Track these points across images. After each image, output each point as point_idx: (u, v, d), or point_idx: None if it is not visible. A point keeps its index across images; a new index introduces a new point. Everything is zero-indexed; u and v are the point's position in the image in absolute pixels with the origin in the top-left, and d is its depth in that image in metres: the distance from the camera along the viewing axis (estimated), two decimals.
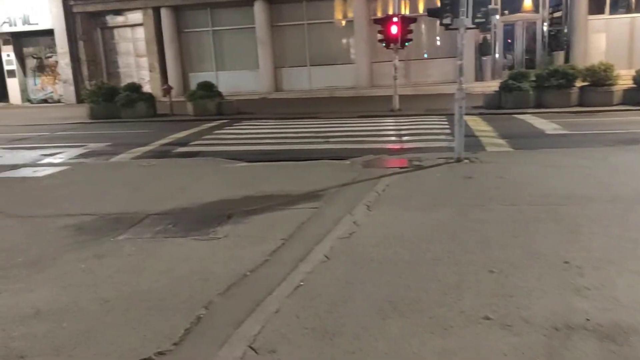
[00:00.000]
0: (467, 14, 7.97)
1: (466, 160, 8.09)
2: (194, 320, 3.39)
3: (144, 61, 24.76)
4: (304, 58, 23.22)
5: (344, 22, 22.91)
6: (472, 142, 9.84)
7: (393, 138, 11.67)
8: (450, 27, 8.47)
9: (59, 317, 3.50)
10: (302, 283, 3.87)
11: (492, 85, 17.32)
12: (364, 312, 3.37)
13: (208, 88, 17.91)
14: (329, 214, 5.70)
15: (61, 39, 24.53)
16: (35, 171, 8.93)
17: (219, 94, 18.03)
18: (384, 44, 15.82)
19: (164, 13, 23.60)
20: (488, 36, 21.04)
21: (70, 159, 10.69)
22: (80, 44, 24.61)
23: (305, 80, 23.13)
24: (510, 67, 20.36)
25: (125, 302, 3.70)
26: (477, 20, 8.18)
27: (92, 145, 12.16)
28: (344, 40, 23.16)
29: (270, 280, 3.95)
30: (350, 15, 22.62)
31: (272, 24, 23.08)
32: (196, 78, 21.97)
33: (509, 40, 21.72)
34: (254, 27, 23.02)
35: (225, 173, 8.37)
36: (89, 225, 5.62)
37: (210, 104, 17.50)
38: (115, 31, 25.16)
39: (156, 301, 3.69)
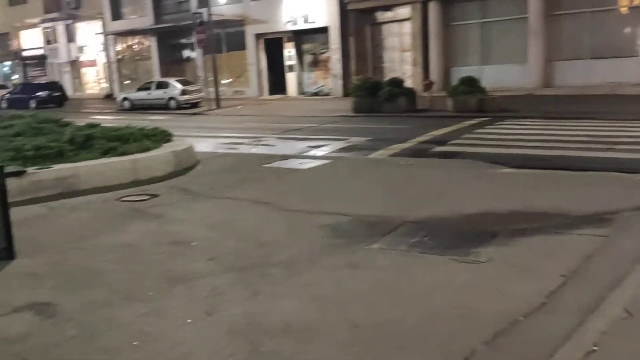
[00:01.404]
0: None
1: None
2: None
3: (408, 56, 24.93)
4: (582, 50, 20.60)
5: (628, 9, 19.67)
6: None
7: None
8: None
9: (307, 337, 3.27)
10: (595, 348, 2.97)
11: None
12: None
13: (470, 83, 17.04)
14: (625, 247, 4.53)
15: (334, 36, 26.19)
16: (301, 163, 9.38)
17: (482, 90, 17.01)
18: None
19: (432, 6, 23.33)
20: None
21: (332, 152, 11.06)
22: (351, 40, 25.91)
23: (581, 75, 20.49)
24: None
25: (374, 331, 3.30)
26: None
27: (354, 140, 12.45)
28: (630, 30, 19.86)
29: (550, 335, 3.13)
30: (637, 1, 19.28)
31: (548, 13, 20.97)
32: (459, 72, 21.21)
33: None
34: (526, 17, 21.25)
35: (487, 179, 7.56)
36: (344, 227, 5.47)
37: (472, 100, 16.60)
38: (384, 27, 25.85)
39: (408, 338, 3.21)
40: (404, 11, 24.57)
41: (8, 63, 43.16)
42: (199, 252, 4.88)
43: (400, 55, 25.47)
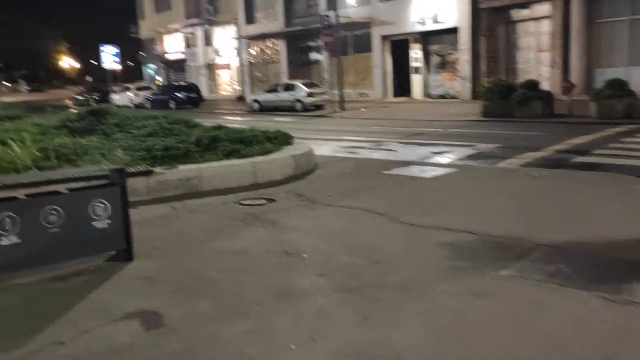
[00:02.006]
0: None
1: None
2: None
3: (545, 56, 23.18)
4: None
5: None
6: None
7: None
8: None
9: None
10: None
11: None
12: None
13: (618, 86, 15.38)
14: None
15: (464, 36, 25.09)
16: (423, 170, 8.87)
17: (631, 94, 15.27)
18: None
19: (575, 2, 21.46)
20: None
21: (457, 159, 10.41)
22: (482, 40, 24.66)
23: None
24: None
25: None
26: None
27: (481, 146, 11.66)
28: None
29: None
30: None
31: None
32: (603, 74, 19.32)
33: None
34: None
35: (639, 197, 6.58)
36: (468, 247, 4.94)
37: (618, 105, 14.97)
38: (518, 25, 24.29)
39: None
40: (543, 8, 22.87)
41: (153, 66, 46.87)
42: (310, 265, 4.63)
43: (536, 55, 23.77)
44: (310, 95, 24.82)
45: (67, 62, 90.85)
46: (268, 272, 4.51)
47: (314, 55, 33.13)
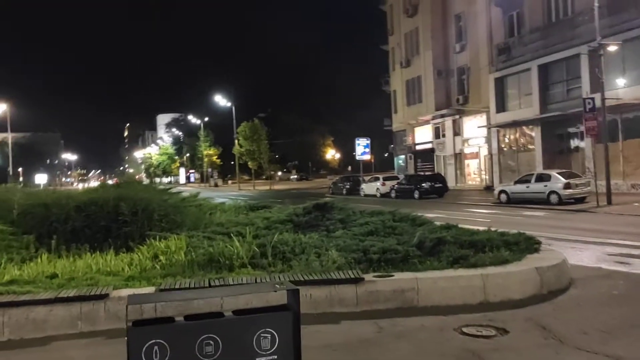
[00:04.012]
0: None
1: None
2: None
3: None
4: None
5: None
6: None
7: None
8: None
9: None
10: None
11: None
12: None
13: None
14: None
15: None
16: None
17: None
18: None
19: None
20: None
21: None
22: None
23: None
24: None
25: None
26: None
27: None
28: None
29: None
30: None
31: None
32: None
33: None
34: None
35: None
36: None
37: None
38: None
39: None
40: None
41: (402, 156, 48.00)
42: None
43: None
44: (568, 186, 21.78)
45: (330, 154, 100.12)
46: None
47: (574, 143, 29.73)
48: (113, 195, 10.19)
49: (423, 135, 44.49)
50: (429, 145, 43.17)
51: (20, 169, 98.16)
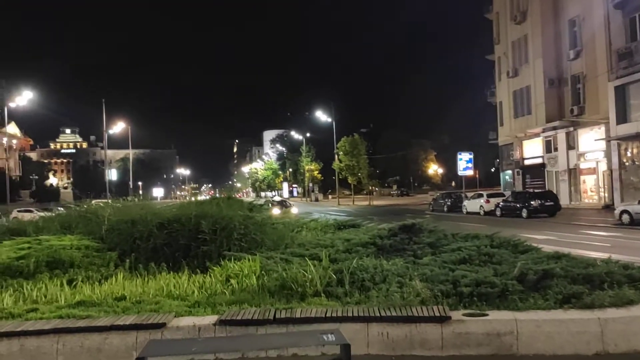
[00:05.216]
0: None
1: None
2: None
3: None
4: None
5: None
6: None
7: None
8: None
9: None
10: None
11: None
12: None
13: None
14: None
15: None
16: None
17: None
18: None
19: None
20: None
21: None
22: None
23: None
24: None
25: None
26: None
27: None
28: None
29: None
30: None
31: None
32: None
33: None
34: None
35: None
36: None
37: None
38: None
39: None
40: None
41: (509, 172, 45.22)
42: None
43: None
44: None
45: (433, 169, 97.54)
46: None
47: None
48: (195, 213, 9.97)
49: (532, 149, 41.61)
50: (539, 160, 40.25)
51: (140, 183, 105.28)
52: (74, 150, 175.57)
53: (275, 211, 24.04)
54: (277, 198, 42.84)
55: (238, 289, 7.02)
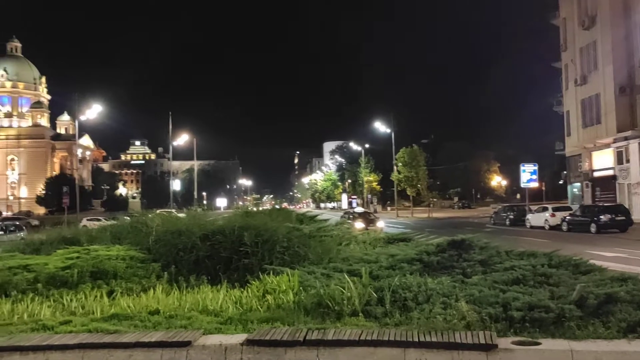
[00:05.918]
0: None
1: None
2: None
3: None
4: None
5: None
6: None
7: None
8: None
9: None
10: None
11: None
12: None
13: None
14: None
15: None
16: None
17: None
18: None
19: None
20: None
21: None
22: None
23: None
24: None
25: None
26: None
27: None
28: None
29: None
30: None
31: None
32: None
33: None
34: None
35: None
36: None
37: None
38: None
39: None
40: None
41: (577, 184, 43.03)
42: None
43: None
44: None
45: (496, 180, 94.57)
46: None
47: None
48: (239, 224, 9.81)
49: (602, 161, 39.39)
50: (610, 172, 38.02)
51: (204, 193, 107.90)
52: (142, 162, 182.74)
53: (358, 225, 21.64)
54: (359, 209, 39.39)
55: (273, 305, 6.74)
